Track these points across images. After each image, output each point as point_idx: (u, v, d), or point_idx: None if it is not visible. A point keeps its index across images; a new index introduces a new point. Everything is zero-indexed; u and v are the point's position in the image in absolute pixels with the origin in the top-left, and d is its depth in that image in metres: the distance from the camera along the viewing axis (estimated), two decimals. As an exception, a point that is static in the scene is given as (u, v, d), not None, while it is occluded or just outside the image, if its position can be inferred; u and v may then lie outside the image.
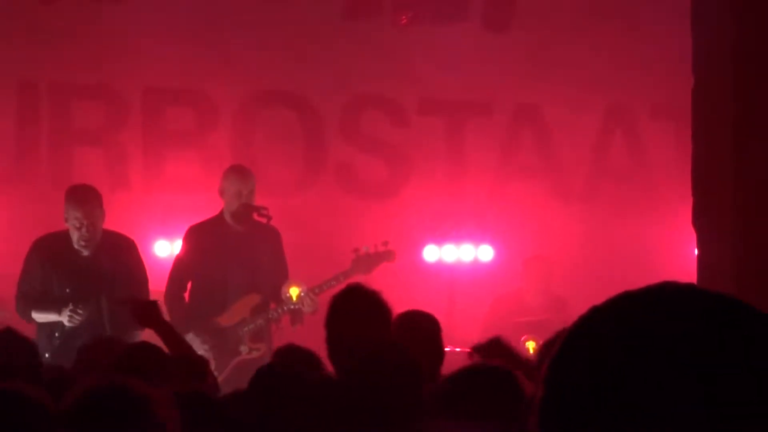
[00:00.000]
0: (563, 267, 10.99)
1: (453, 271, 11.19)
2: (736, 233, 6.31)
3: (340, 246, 10.00)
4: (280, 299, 8.99)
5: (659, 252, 11.05)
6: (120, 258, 8.50)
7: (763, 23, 6.27)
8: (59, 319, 8.25)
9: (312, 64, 11.37)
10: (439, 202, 11.49)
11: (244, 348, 9.03)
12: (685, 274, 7.33)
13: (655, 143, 11.82)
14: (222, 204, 9.16)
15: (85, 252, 8.42)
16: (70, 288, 8.30)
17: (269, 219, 9.00)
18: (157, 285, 8.83)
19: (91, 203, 8.40)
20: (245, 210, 9.03)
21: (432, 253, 11.29)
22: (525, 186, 11.67)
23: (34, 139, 11.03)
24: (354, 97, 11.55)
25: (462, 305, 10.99)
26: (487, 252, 11.40)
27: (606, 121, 11.91)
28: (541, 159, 11.86)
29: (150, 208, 10.88)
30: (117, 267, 8.40)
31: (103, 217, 8.48)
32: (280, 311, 9.02)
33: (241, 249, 9.00)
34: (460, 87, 11.61)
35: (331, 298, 5.62)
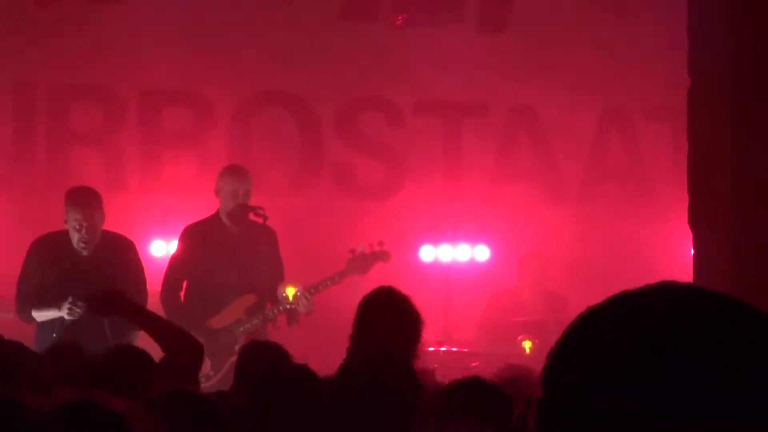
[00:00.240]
0: (560, 267, 10.99)
1: (449, 272, 11.18)
2: (732, 233, 6.32)
3: (335, 246, 10.00)
4: (276, 299, 8.98)
5: (656, 252, 11.05)
6: (119, 259, 8.49)
7: (759, 24, 6.28)
8: (60, 315, 8.24)
9: (309, 65, 11.37)
10: (436, 202, 11.49)
11: (239, 348, 9.01)
12: (682, 273, 7.33)
13: (651, 144, 11.82)
14: (218, 204, 9.16)
15: (85, 252, 8.43)
16: (68, 288, 8.29)
17: (265, 219, 8.99)
18: (154, 285, 8.83)
19: (91, 206, 8.40)
20: (241, 210, 9.03)
21: (428, 253, 11.28)
22: (521, 187, 11.67)
23: (31, 140, 11.02)
24: (350, 98, 11.55)
25: (458, 305, 10.99)
26: (484, 252, 11.40)
27: (602, 122, 11.91)
28: (538, 160, 11.85)
29: (147, 208, 10.87)
30: (116, 268, 8.39)
31: (103, 219, 8.49)
32: (275, 311, 9.02)
33: (237, 249, 9.00)
34: (456, 88, 11.61)
35: (363, 299, 5.60)
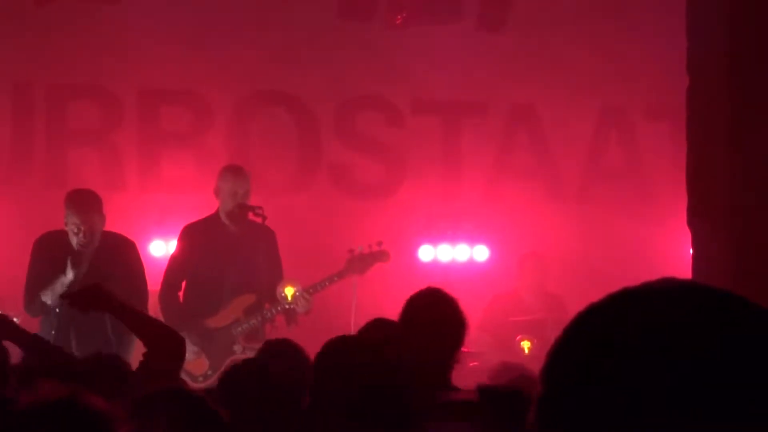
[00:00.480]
0: (558, 267, 10.98)
1: (448, 271, 11.18)
2: (731, 232, 6.32)
3: (334, 246, 10.00)
4: (275, 299, 8.98)
5: (654, 252, 11.05)
6: (119, 259, 8.48)
7: (758, 23, 6.28)
8: (67, 279, 8.20)
9: (307, 64, 11.36)
10: (435, 202, 11.48)
11: (237, 348, 9.02)
12: (681, 273, 7.30)
13: (650, 143, 11.81)
14: (217, 204, 9.16)
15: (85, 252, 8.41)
16: (70, 288, 8.26)
17: (264, 219, 8.99)
18: (153, 285, 8.83)
19: (90, 210, 8.36)
20: (240, 210, 9.03)
21: (427, 253, 11.28)
22: (520, 186, 11.66)
23: (29, 140, 11.01)
24: (349, 98, 11.54)
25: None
26: (483, 252, 11.39)
27: (601, 122, 11.91)
28: (536, 159, 11.85)
29: (145, 208, 10.86)
30: (116, 268, 8.37)
31: (104, 222, 8.45)
32: (274, 311, 9.02)
33: (236, 249, 8.99)
34: (455, 87, 11.61)
35: (410, 299, 5.58)
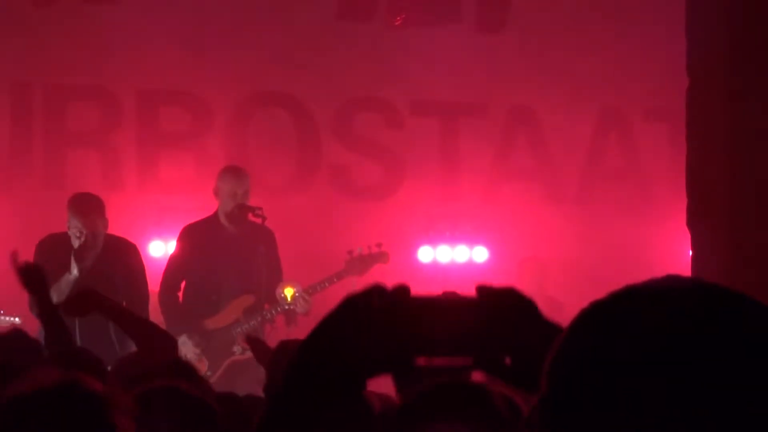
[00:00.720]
0: (557, 269, 10.98)
1: (447, 272, 11.17)
2: (730, 235, 6.32)
3: (334, 247, 10.00)
4: (274, 300, 8.98)
5: (654, 254, 11.05)
6: (121, 261, 8.47)
7: (757, 25, 6.28)
8: (72, 276, 8.19)
9: (306, 65, 11.36)
10: (434, 203, 11.48)
11: (237, 348, 9.02)
12: (680, 274, 7.32)
13: (650, 145, 11.81)
14: (217, 204, 9.15)
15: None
16: (71, 290, 8.26)
17: (264, 219, 8.99)
18: (153, 285, 8.82)
19: (92, 214, 8.35)
20: (240, 210, 9.02)
21: (426, 254, 11.28)
22: (519, 187, 11.66)
23: (28, 141, 11.00)
24: (348, 99, 11.54)
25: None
26: (482, 253, 11.39)
27: (600, 123, 11.91)
28: (536, 161, 11.85)
29: (144, 209, 10.85)
30: (118, 270, 8.37)
31: (106, 226, 8.44)
32: (274, 312, 9.01)
33: (236, 249, 8.99)
34: (454, 89, 11.60)
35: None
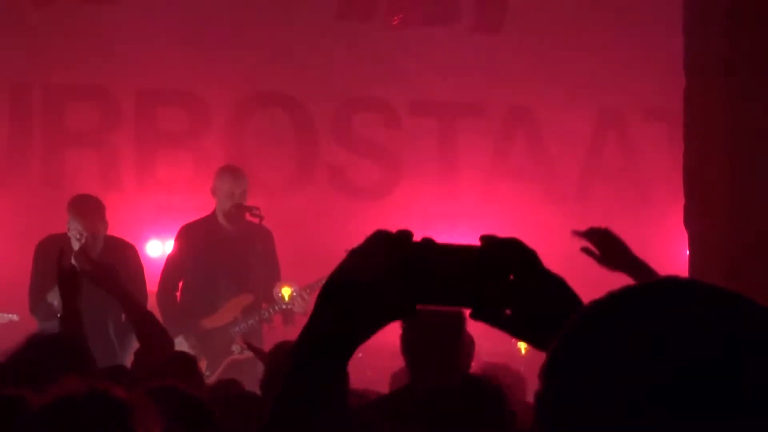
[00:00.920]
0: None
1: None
2: (727, 235, 6.32)
3: (332, 246, 9.93)
4: (272, 299, 8.99)
5: (651, 254, 10.99)
6: (120, 263, 8.45)
7: (755, 25, 6.28)
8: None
9: (304, 65, 11.37)
10: (431, 202, 11.49)
11: (235, 348, 9.02)
12: (677, 274, 7.32)
13: (647, 145, 11.82)
14: (214, 204, 9.16)
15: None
16: None
17: (261, 219, 8.99)
18: (151, 285, 8.82)
19: (93, 216, 8.35)
20: (237, 210, 9.03)
21: (424, 254, 11.27)
22: (517, 187, 11.67)
23: (27, 141, 11.00)
24: (346, 99, 11.55)
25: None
26: (479, 253, 11.38)
27: (598, 124, 11.92)
28: (534, 161, 11.86)
29: (142, 208, 10.86)
30: (118, 271, 8.34)
31: (106, 227, 8.44)
32: (271, 311, 9.02)
33: (233, 249, 9.00)
34: (452, 89, 11.61)
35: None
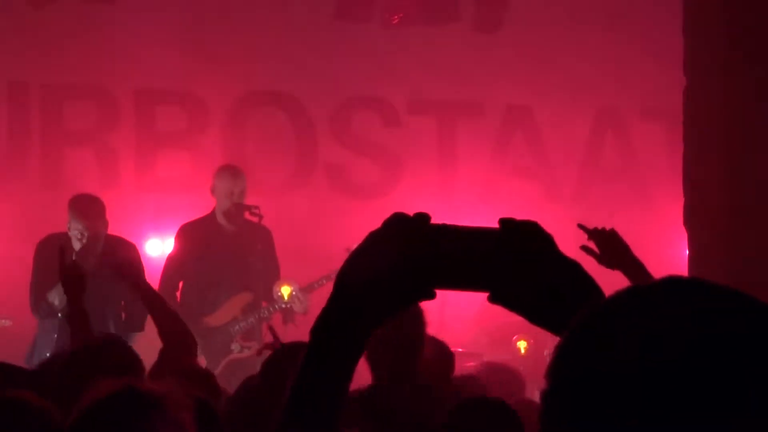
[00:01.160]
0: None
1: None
2: (727, 234, 6.32)
3: (331, 245, 9.99)
4: (271, 298, 9.00)
5: (650, 252, 11.01)
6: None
7: (754, 23, 6.28)
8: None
9: (303, 64, 11.37)
10: (430, 201, 11.48)
11: (235, 347, 9.03)
12: (676, 274, 7.32)
13: (646, 144, 11.83)
14: (214, 203, 9.17)
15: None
16: None
17: (261, 218, 9.00)
18: (151, 284, 8.80)
19: (94, 216, 8.32)
20: (237, 209, 9.04)
21: (423, 253, 11.27)
22: (516, 186, 11.67)
23: (25, 140, 11.00)
24: (345, 98, 11.55)
25: (453, 305, 10.99)
26: (479, 252, 11.39)
27: (597, 122, 11.92)
28: (533, 160, 11.86)
29: (141, 207, 10.86)
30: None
31: (106, 227, 8.42)
32: (271, 310, 9.03)
33: (233, 248, 9.00)
34: (451, 88, 11.61)
35: None
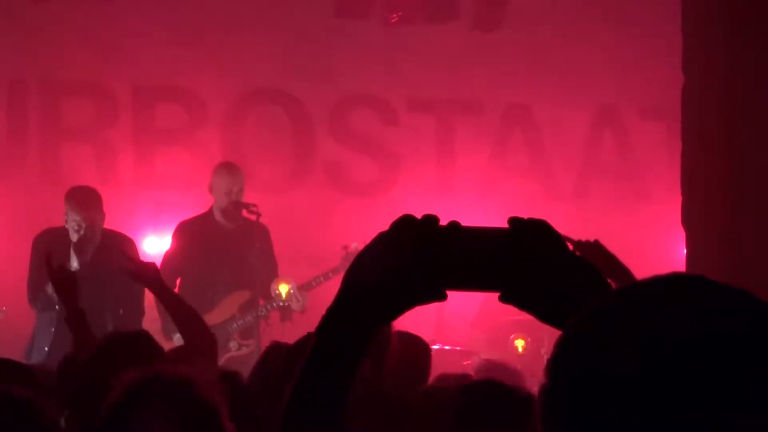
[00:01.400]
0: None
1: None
2: (725, 233, 6.32)
3: (329, 243, 10.00)
4: (269, 296, 9.00)
5: (648, 251, 11.05)
6: (119, 256, 8.43)
7: (754, 22, 6.28)
8: (72, 268, 8.15)
9: (302, 62, 11.36)
10: (429, 199, 11.47)
11: (233, 344, 9.03)
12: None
13: (645, 143, 11.82)
14: (212, 200, 9.16)
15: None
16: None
17: (258, 216, 9.00)
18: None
19: (92, 208, 8.31)
20: (235, 207, 9.04)
21: (421, 251, 11.26)
22: (515, 185, 11.67)
23: (23, 136, 11.00)
24: (344, 96, 11.54)
25: (451, 304, 10.98)
26: (477, 250, 11.39)
27: (596, 121, 11.92)
28: (532, 158, 11.85)
29: (139, 204, 10.86)
30: (116, 265, 8.33)
31: (103, 219, 8.42)
32: (269, 308, 9.03)
33: (231, 246, 9.00)
34: (450, 86, 11.61)
35: None
